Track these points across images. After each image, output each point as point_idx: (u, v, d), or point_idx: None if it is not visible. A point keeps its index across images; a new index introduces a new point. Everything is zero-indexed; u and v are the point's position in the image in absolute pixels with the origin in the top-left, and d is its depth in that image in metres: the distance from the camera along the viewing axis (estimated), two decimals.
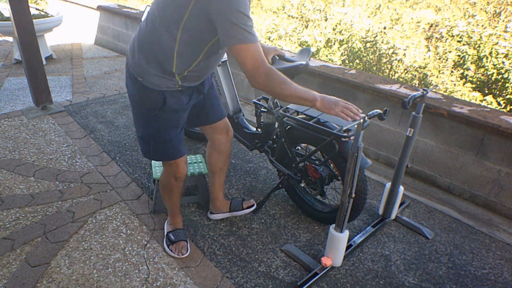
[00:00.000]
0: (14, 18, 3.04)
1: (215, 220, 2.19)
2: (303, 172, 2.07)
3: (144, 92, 1.56)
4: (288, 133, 2.04)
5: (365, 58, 4.61)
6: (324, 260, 1.78)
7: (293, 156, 2.07)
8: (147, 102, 1.59)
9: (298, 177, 2.10)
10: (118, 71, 4.75)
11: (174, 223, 2.03)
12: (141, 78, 1.52)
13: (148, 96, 1.56)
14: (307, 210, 2.22)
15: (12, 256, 1.88)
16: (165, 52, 1.44)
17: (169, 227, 2.04)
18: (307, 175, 2.05)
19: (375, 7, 6.44)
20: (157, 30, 1.41)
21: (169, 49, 1.43)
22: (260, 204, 2.25)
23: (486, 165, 2.34)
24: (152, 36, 1.44)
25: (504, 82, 3.98)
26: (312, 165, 2.00)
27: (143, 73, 1.51)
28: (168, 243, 1.96)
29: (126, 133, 3.15)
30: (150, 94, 1.56)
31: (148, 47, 1.47)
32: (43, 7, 6.18)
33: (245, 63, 1.31)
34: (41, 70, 3.32)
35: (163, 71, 1.49)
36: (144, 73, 1.51)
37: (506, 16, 5.61)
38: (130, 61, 1.56)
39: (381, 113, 1.57)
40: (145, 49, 1.48)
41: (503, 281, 1.88)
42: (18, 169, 2.58)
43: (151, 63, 1.48)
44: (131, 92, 1.63)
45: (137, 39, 1.52)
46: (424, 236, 2.14)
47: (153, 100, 1.57)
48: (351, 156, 1.52)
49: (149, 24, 1.45)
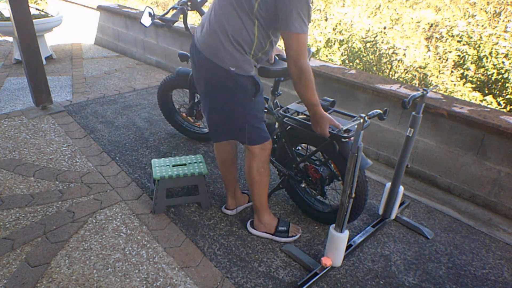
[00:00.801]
0: (14, 18, 3.04)
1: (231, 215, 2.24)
2: (303, 172, 2.07)
3: (240, 81, 1.63)
4: (289, 133, 2.04)
5: (365, 58, 4.61)
6: (324, 260, 1.78)
7: (293, 156, 2.07)
8: (245, 90, 1.66)
9: (298, 178, 2.11)
10: (118, 71, 4.75)
11: (270, 219, 2.04)
12: (233, 68, 1.60)
13: (244, 83, 1.65)
14: (307, 210, 2.22)
15: (12, 256, 1.88)
16: (248, 35, 1.54)
17: (267, 227, 2.04)
18: (307, 175, 2.05)
19: (375, 7, 6.44)
20: (239, 15, 1.51)
21: (251, 32, 1.54)
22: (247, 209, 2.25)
23: (486, 165, 2.34)
24: (235, 22, 1.53)
25: (504, 82, 3.97)
26: (312, 166, 2.00)
27: (235, 62, 1.59)
28: (285, 235, 2.03)
29: (126, 133, 3.15)
30: (245, 82, 1.64)
31: (235, 34, 1.55)
32: (43, 7, 6.18)
33: (292, 48, 1.47)
34: (41, 70, 3.32)
35: (245, 55, 1.60)
36: (236, 62, 1.59)
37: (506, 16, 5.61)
38: (217, 57, 1.60)
39: (381, 113, 1.58)
40: (231, 37, 1.56)
41: (503, 281, 1.88)
42: (18, 169, 2.59)
43: (239, 49, 1.58)
44: (224, 88, 1.67)
45: (220, 31, 1.57)
46: (424, 236, 2.14)
47: (250, 86, 1.66)
48: (351, 156, 1.52)
49: (229, 10, 1.52)
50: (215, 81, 1.68)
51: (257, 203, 1.99)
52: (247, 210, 2.29)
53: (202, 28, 1.67)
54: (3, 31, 4.50)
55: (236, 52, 1.58)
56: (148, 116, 3.50)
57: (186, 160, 2.33)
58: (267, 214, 2.04)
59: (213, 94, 1.74)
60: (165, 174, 2.16)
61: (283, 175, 2.20)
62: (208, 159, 2.82)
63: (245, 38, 1.56)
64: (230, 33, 1.55)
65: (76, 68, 4.83)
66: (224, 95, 1.70)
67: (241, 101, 1.70)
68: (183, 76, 2.73)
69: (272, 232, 2.04)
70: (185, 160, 2.33)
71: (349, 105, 2.92)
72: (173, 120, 3.08)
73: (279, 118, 2.03)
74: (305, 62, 1.50)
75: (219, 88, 1.69)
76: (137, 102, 3.80)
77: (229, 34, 1.55)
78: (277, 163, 2.19)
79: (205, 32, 1.64)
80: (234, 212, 2.25)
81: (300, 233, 2.08)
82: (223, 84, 1.66)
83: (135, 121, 3.39)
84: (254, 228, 2.08)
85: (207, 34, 1.62)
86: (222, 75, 1.63)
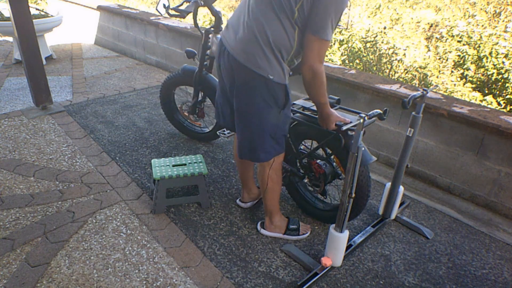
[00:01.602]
0: (14, 18, 3.04)
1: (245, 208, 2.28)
2: (307, 167, 2.07)
3: (274, 89, 1.60)
4: (293, 129, 2.03)
5: (365, 58, 4.61)
6: (324, 260, 1.78)
7: (297, 151, 2.07)
8: (277, 98, 1.64)
9: (301, 173, 2.11)
10: (118, 71, 4.75)
11: (281, 220, 2.06)
12: (272, 76, 1.57)
13: (277, 92, 1.62)
14: (307, 209, 2.22)
15: (12, 256, 1.88)
16: (289, 42, 1.51)
17: (278, 227, 2.05)
18: (310, 170, 2.05)
19: (375, 7, 6.44)
20: (280, 21, 1.48)
21: (292, 39, 1.51)
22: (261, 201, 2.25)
23: (486, 165, 2.34)
24: (277, 28, 1.49)
25: (504, 82, 3.98)
26: (316, 161, 2.00)
27: (274, 69, 1.56)
28: (296, 233, 2.05)
29: (126, 133, 3.15)
30: (279, 90, 1.62)
31: (277, 41, 1.51)
32: (43, 7, 6.18)
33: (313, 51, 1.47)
34: (41, 70, 3.32)
35: (283, 62, 1.57)
36: (275, 69, 1.56)
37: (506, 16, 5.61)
38: (257, 65, 1.55)
39: (381, 113, 1.58)
40: (273, 44, 1.51)
41: (503, 281, 1.88)
42: (18, 169, 2.59)
43: (277, 56, 1.54)
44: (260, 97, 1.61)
45: (261, 37, 1.51)
46: (424, 236, 2.14)
47: (281, 96, 1.64)
48: (351, 156, 1.52)
49: (270, 16, 1.48)
50: (248, 88, 1.63)
51: (269, 207, 2.00)
52: (250, 209, 2.29)
53: (236, 33, 1.60)
54: (3, 31, 4.49)
55: (275, 59, 1.55)
56: (148, 116, 3.50)
57: (186, 160, 2.33)
58: (278, 216, 2.06)
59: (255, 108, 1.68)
60: (165, 174, 2.16)
61: (285, 172, 2.19)
62: (208, 159, 2.82)
63: (285, 45, 1.52)
64: (271, 39, 1.50)
65: (76, 68, 4.83)
66: (257, 101, 1.65)
67: (272, 110, 1.66)
68: (188, 73, 2.74)
69: (283, 232, 2.05)
70: (185, 160, 2.33)
71: (349, 105, 2.92)
72: (174, 118, 3.08)
73: None
74: (321, 66, 1.50)
75: (257, 99, 1.64)
76: (137, 102, 3.80)
77: (270, 41, 1.50)
78: None
79: (242, 38, 1.56)
80: (248, 205, 2.29)
81: (310, 231, 2.09)
82: (257, 90, 1.61)
83: (135, 121, 3.39)
84: (265, 229, 2.09)
85: (245, 40, 1.55)
86: (259, 82, 1.58)
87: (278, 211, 2.04)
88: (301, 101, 2.07)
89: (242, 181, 2.22)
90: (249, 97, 1.64)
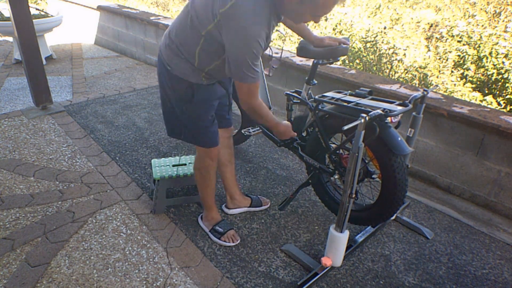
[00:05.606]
0: (14, 18, 3.04)
1: (230, 214, 2.25)
2: (336, 162, 1.96)
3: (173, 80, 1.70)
4: (323, 122, 1.94)
5: (365, 58, 4.61)
6: (324, 260, 1.78)
7: (327, 146, 1.96)
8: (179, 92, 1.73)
9: (331, 169, 2.01)
10: (118, 71, 4.75)
11: (213, 217, 2.09)
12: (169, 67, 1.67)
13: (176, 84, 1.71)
14: (336, 209, 2.06)
15: (12, 256, 1.88)
16: (189, 48, 1.56)
17: (208, 223, 2.09)
18: (341, 165, 1.94)
19: (375, 7, 6.45)
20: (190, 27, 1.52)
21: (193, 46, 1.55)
22: (288, 201, 2.16)
23: (486, 165, 2.34)
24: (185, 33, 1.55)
25: (504, 82, 3.97)
26: (346, 155, 1.91)
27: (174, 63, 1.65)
28: (218, 236, 2.03)
29: (126, 133, 3.15)
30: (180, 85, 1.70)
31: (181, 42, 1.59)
32: (43, 7, 6.18)
33: (241, 94, 1.51)
34: (41, 70, 3.32)
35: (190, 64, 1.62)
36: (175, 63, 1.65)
37: (506, 16, 5.61)
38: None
39: (381, 113, 1.57)
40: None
41: (503, 281, 1.88)
42: (18, 169, 2.58)
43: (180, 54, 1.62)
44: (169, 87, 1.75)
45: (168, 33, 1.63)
46: (424, 236, 2.14)
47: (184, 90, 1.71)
48: (351, 156, 1.52)
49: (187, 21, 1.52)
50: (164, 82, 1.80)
51: (201, 198, 2.07)
52: (248, 213, 2.28)
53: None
54: (3, 31, 4.50)
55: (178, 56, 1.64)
56: (148, 116, 3.50)
57: (186, 160, 2.33)
58: (210, 212, 2.09)
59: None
60: (165, 174, 2.16)
61: (313, 170, 2.10)
62: None
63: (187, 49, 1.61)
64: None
65: (76, 68, 4.83)
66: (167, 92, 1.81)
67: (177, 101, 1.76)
68: None
69: (209, 229, 2.09)
70: (185, 160, 2.33)
71: None
72: None
73: (315, 105, 1.93)
74: (256, 102, 1.55)
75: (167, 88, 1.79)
76: (137, 102, 3.80)
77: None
78: (307, 157, 2.08)
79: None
80: (232, 212, 2.24)
81: (236, 243, 2.02)
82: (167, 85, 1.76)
83: (135, 121, 3.39)
84: (201, 219, 2.16)
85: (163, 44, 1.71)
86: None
87: (210, 207, 2.08)
88: (330, 93, 1.97)
89: (223, 185, 2.24)
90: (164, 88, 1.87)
